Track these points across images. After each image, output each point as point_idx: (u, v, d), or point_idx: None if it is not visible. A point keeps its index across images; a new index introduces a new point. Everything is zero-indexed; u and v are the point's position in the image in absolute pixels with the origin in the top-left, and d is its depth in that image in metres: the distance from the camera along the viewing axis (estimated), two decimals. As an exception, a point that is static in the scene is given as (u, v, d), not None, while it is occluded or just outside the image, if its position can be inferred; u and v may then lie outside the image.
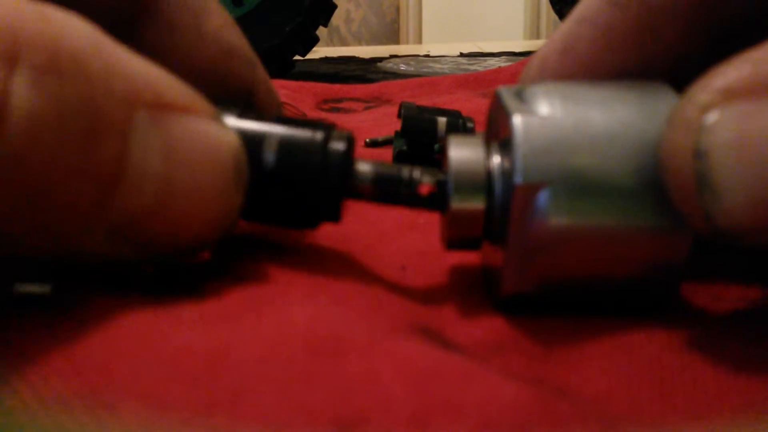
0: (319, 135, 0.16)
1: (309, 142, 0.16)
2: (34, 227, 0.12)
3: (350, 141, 0.17)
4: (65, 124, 0.11)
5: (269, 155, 0.16)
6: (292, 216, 0.17)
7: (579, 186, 0.14)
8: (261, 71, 0.20)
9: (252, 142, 0.16)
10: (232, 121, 0.16)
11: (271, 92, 0.20)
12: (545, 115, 0.15)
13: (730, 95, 0.12)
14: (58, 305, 0.13)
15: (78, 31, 0.12)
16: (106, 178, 0.12)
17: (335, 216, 0.17)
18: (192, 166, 0.13)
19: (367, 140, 0.43)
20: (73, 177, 0.12)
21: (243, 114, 0.16)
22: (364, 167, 0.17)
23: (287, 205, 0.16)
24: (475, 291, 0.18)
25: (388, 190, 0.17)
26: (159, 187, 0.13)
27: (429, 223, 0.23)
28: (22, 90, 0.11)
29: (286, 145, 0.16)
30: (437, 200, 0.16)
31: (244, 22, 0.88)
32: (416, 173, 0.17)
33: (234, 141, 0.14)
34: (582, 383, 0.14)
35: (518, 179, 0.14)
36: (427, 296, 0.18)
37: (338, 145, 0.16)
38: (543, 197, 0.14)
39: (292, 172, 0.16)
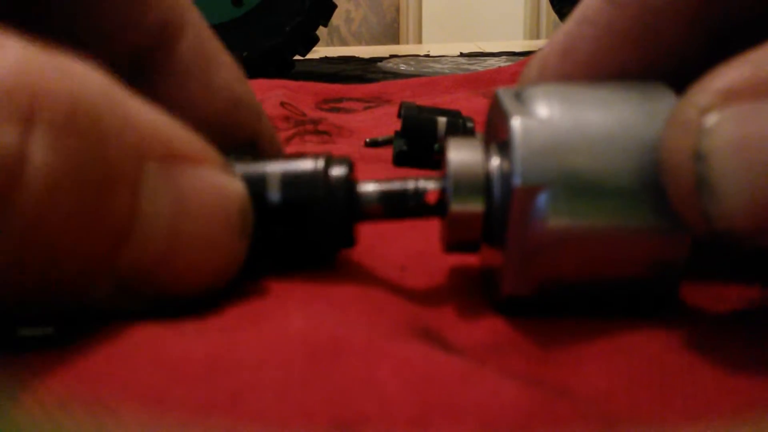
0: (319, 164, 0.16)
1: (310, 174, 0.16)
2: (43, 282, 0.12)
3: (350, 166, 0.17)
4: (80, 182, 0.11)
5: (274, 194, 0.16)
6: (305, 251, 0.17)
7: (578, 188, 0.14)
8: (265, 122, 0.20)
9: (255, 183, 0.16)
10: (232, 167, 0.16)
11: (274, 142, 0.20)
12: (544, 117, 0.15)
13: (729, 97, 0.12)
14: (61, 344, 0.12)
15: (94, 84, 0.12)
16: (117, 232, 0.12)
17: (349, 242, 0.17)
18: (200, 215, 0.13)
19: (367, 140, 0.43)
20: (85, 233, 0.11)
21: (239, 158, 0.16)
22: (368, 188, 0.17)
23: (299, 240, 0.16)
24: (474, 292, 0.18)
25: (396, 206, 0.16)
26: (168, 238, 0.13)
27: (429, 223, 0.23)
28: (39, 149, 0.11)
29: (288, 182, 0.16)
30: (444, 206, 0.16)
31: (244, 22, 0.88)
32: (421, 183, 0.16)
33: (240, 189, 0.14)
34: (581, 383, 0.14)
35: (517, 182, 0.14)
36: (427, 297, 0.18)
37: (339, 172, 0.16)
38: (542, 199, 0.14)
39: (299, 206, 0.16)
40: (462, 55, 1.22)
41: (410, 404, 0.11)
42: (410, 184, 0.16)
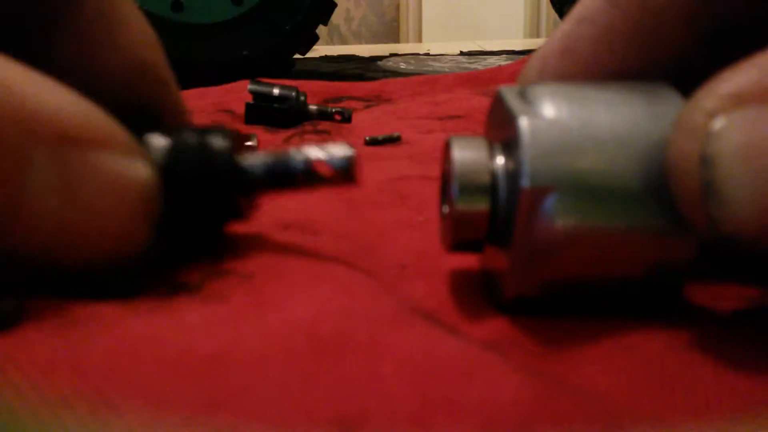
0: (199, 137, 0.16)
1: (192, 145, 0.16)
2: None
3: (233, 137, 0.17)
4: None
5: (163, 164, 0.16)
6: (195, 223, 0.17)
7: (586, 189, 0.14)
8: (172, 90, 0.19)
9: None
10: None
11: (179, 111, 0.20)
12: (551, 117, 0.15)
13: (736, 101, 0.12)
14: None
15: None
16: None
17: (236, 214, 0.17)
18: (92, 203, 0.13)
19: (367, 138, 0.43)
20: None
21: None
22: (253, 160, 0.17)
23: (187, 212, 0.16)
24: (476, 290, 0.18)
25: (282, 176, 0.17)
26: (56, 225, 0.13)
27: (429, 221, 0.23)
28: None
29: (171, 155, 0.16)
30: (343, 176, 0.16)
31: (244, 21, 0.88)
32: (309, 153, 0.16)
33: (144, 174, 0.14)
34: (583, 381, 0.14)
35: (525, 183, 0.14)
36: (427, 295, 0.18)
37: (220, 143, 0.16)
38: (550, 201, 0.14)
39: (183, 176, 0.16)
40: (462, 53, 1.22)
41: (412, 401, 0.11)
42: (296, 155, 0.17)
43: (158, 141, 0.16)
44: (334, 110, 0.48)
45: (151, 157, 0.15)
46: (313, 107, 0.48)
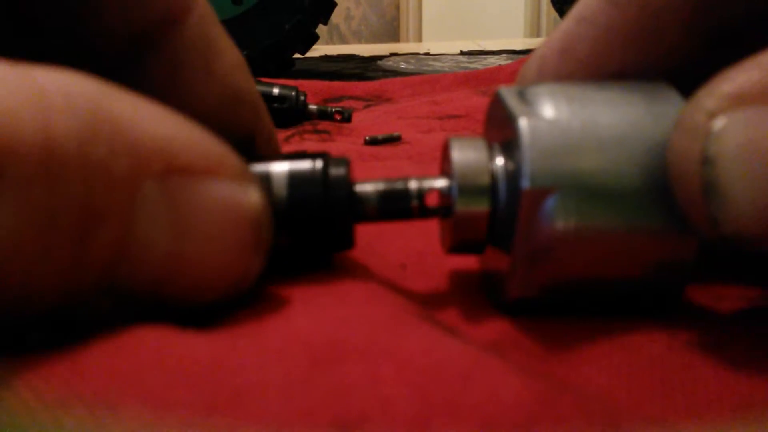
0: (318, 164, 0.16)
1: (310, 174, 0.16)
2: (23, 306, 0.11)
3: (348, 165, 0.16)
4: (52, 229, 0.10)
5: (281, 194, 0.15)
6: (305, 252, 0.16)
7: (587, 190, 0.14)
8: (264, 117, 0.19)
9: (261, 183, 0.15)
10: None
11: (272, 139, 0.20)
12: (551, 117, 0.15)
13: (738, 101, 0.12)
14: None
15: (80, 110, 0.11)
16: (105, 260, 0.11)
17: (348, 243, 0.17)
18: (204, 235, 0.12)
19: (367, 138, 0.43)
20: (65, 269, 0.11)
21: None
22: (367, 188, 0.16)
23: (299, 241, 0.16)
24: (475, 291, 0.18)
25: (395, 207, 0.16)
26: (167, 260, 0.12)
27: (429, 222, 0.23)
28: (3, 209, 0.10)
29: (293, 182, 0.16)
30: (447, 207, 0.16)
31: (243, 21, 0.88)
32: (423, 183, 0.16)
33: (255, 201, 0.13)
34: (583, 382, 0.14)
35: (526, 184, 0.14)
36: (427, 296, 0.18)
37: (338, 171, 0.16)
38: (550, 201, 0.14)
39: (301, 206, 0.16)
40: (462, 53, 1.22)
41: (411, 404, 0.11)
42: (411, 184, 0.16)
43: (276, 168, 0.16)
44: (334, 110, 0.47)
45: (260, 183, 0.14)
46: (313, 107, 0.47)
